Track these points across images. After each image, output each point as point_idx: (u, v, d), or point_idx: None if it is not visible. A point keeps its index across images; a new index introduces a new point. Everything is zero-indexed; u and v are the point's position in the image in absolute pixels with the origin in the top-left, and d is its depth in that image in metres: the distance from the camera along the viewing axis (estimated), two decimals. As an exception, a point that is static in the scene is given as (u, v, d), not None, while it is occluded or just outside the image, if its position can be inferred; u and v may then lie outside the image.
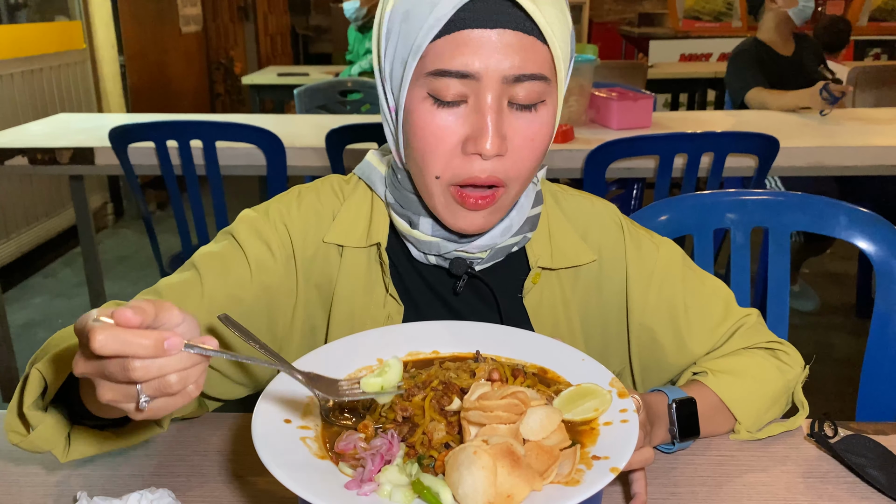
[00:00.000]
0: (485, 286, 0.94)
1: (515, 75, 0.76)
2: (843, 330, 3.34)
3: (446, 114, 0.78)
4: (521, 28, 0.75)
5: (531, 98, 0.78)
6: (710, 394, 0.93)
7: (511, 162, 0.80)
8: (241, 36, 7.65)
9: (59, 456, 0.80)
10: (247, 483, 0.87)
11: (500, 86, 0.76)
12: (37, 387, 0.77)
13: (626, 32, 7.66)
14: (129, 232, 4.84)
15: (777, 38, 3.39)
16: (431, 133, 0.79)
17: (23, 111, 4.03)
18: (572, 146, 2.52)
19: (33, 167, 2.56)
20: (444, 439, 0.68)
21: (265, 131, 2.35)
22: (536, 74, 0.77)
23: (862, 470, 0.86)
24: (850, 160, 2.55)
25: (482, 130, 0.76)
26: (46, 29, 4.35)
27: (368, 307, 0.95)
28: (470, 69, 0.75)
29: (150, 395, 0.59)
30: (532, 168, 0.82)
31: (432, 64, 0.77)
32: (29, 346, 3.20)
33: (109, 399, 0.60)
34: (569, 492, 0.61)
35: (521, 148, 0.80)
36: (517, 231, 0.91)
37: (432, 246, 0.90)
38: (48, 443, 0.78)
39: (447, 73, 0.76)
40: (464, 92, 0.77)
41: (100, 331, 0.55)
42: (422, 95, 0.79)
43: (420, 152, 0.81)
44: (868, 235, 1.28)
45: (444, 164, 0.80)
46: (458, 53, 0.75)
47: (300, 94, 3.54)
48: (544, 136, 0.81)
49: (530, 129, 0.79)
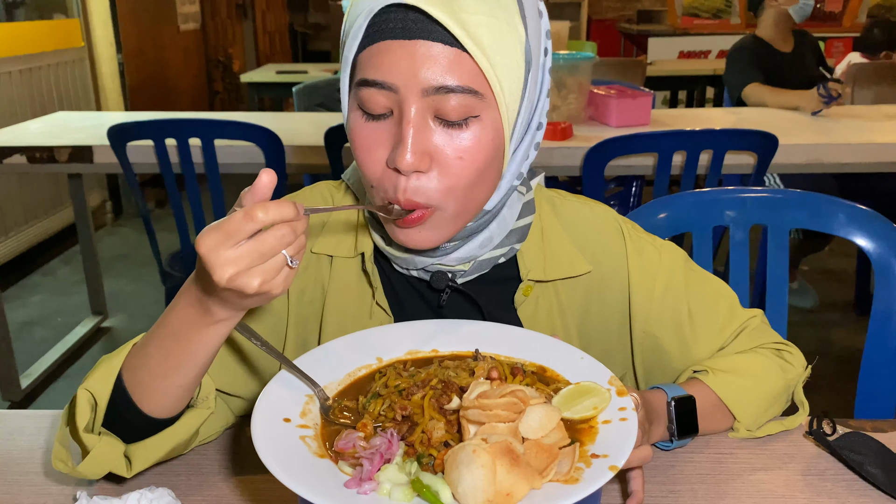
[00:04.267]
0: (468, 299, 0.92)
1: (435, 87, 0.73)
2: (842, 327, 3.34)
3: (374, 126, 0.77)
4: (443, 40, 0.72)
5: (459, 113, 0.74)
6: (709, 392, 0.93)
7: (438, 181, 0.76)
8: (240, 34, 7.64)
9: (123, 473, 0.80)
10: (246, 482, 0.87)
11: (421, 99, 0.74)
12: (86, 406, 0.78)
13: (624, 30, 7.66)
14: (127, 230, 4.84)
15: (776, 35, 3.39)
16: (361, 144, 0.78)
17: (21, 109, 4.02)
18: (571, 144, 2.52)
19: (32, 166, 2.56)
20: (444, 438, 0.69)
21: (264, 129, 2.35)
22: (462, 87, 0.73)
23: (860, 467, 0.86)
24: (849, 157, 2.55)
25: (401, 144, 0.74)
26: (44, 27, 4.35)
27: (358, 318, 0.94)
28: (388, 79, 0.74)
29: (292, 255, 0.65)
30: (466, 188, 0.78)
31: (358, 74, 0.77)
32: (28, 345, 3.20)
33: (259, 282, 0.63)
34: (568, 490, 0.61)
35: (448, 166, 0.76)
36: (501, 243, 0.89)
37: (409, 261, 0.89)
38: (110, 461, 0.79)
39: (367, 83, 0.75)
40: (388, 105, 0.75)
41: (255, 206, 0.62)
42: (354, 106, 0.79)
43: (357, 162, 0.81)
44: (867, 232, 1.28)
45: (376, 178, 0.79)
46: (377, 63, 0.74)
47: (299, 92, 3.53)
48: (476, 155, 0.76)
49: (458, 146, 0.75)
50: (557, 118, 2.75)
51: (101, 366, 0.80)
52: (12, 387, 2.80)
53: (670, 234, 1.38)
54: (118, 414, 0.79)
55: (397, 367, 0.82)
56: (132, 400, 0.78)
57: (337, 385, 0.80)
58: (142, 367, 0.77)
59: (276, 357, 0.78)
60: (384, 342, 0.87)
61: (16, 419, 1.01)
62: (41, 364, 3.00)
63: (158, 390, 0.77)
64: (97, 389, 0.78)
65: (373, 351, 0.85)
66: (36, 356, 3.06)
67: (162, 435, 0.81)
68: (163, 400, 0.78)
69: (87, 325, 3.34)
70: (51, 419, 1.00)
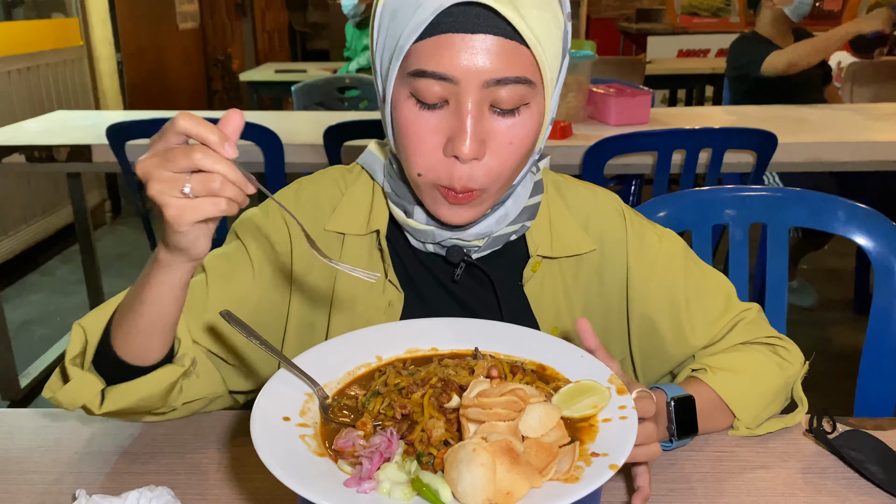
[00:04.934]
0: (483, 274, 0.94)
1: (496, 79, 0.76)
2: (841, 325, 3.34)
3: (429, 115, 0.79)
4: (502, 33, 0.75)
5: (514, 101, 0.78)
6: (708, 391, 0.93)
7: (489, 166, 0.80)
8: (239, 32, 7.63)
9: (94, 409, 0.83)
10: (246, 481, 0.87)
11: (480, 90, 0.77)
12: (78, 341, 0.84)
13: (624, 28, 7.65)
14: (126, 229, 4.84)
15: (775, 33, 3.38)
16: (415, 133, 0.80)
17: (20, 108, 4.02)
18: (570, 142, 2.52)
19: (31, 165, 2.56)
20: (443, 437, 0.68)
21: (263, 128, 2.35)
22: (519, 78, 0.77)
23: (860, 465, 0.86)
24: (848, 156, 2.55)
25: (461, 134, 0.77)
26: (43, 26, 4.34)
27: (369, 295, 0.95)
28: (449, 72, 0.76)
29: (193, 188, 0.65)
30: (512, 170, 0.83)
31: (414, 64, 0.78)
32: (27, 344, 3.19)
33: (156, 191, 0.66)
34: (568, 489, 0.61)
35: (499, 151, 0.80)
36: (514, 220, 0.92)
37: (427, 234, 0.91)
38: (84, 395, 0.82)
39: (426, 75, 0.77)
40: (444, 95, 0.78)
41: (184, 116, 0.66)
42: (405, 94, 0.80)
43: (405, 150, 0.83)
44: (866, 231, 1.29)
45: (426, 165, 0.82)
46: (438, 56, 0.76)
47: (298, 91, 3.53)
48: (524, 140, 0.81)
49: (510, 133, 0.80)
50: (557, 117, 2.75)
51: (100, 306, 0.86)
52: (11, 386, 2.80)
53: (670, 233, 1.38)
54: (99, 354, 0.83)
55: (397, 365, 0.82)
56: (110, 341, 0.82)
57: (336, 383, 0.80)
58: (120, 312, 0.81)
59: (276, 355, 0.78)
60: (384, 340, 0.87)
61: (15, 418, 1.01)
62: (40, 363, 3.00)
63: (128, 333, 0.81)
64: (89, 327, 0.84)
65: (372, 349, 0.85)
66: (35, 355, 3.06)
67: (136, 381, 0.83)
68: (131, 343, 0.81)
69: (87, 325, 3.33)
70: (50, 418, 1.00)
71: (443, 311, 0.96)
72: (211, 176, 0.65)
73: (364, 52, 4.53)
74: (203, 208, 0.66)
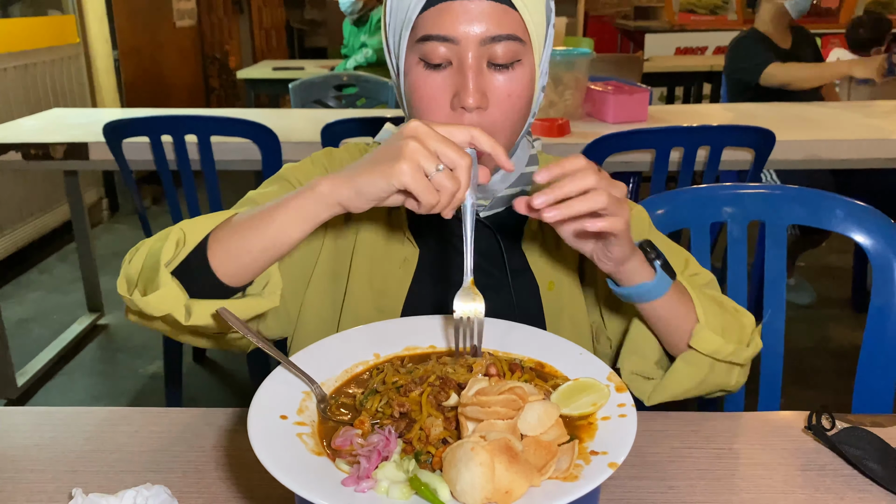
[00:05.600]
0: (490, 231, 1.02)
1: (491, 36, 0.87)
2: (839, 323, 3.35)
3: (436, 75, 0.89)
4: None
5: (508, 56, 0.88)
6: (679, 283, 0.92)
7: (493, 116, 0.90)
8: (236, 30, 7.62)
9: (181, 318, 0.82)
10: (243, 479, 0.87)
11: (478, 48, 0.87)
12: (173, 244, 0.83)
13: (621, 26, 7.65)
14: (124, 227, 4.83)
15: (774, 30, 3.39)
16: (425, 93, 0.90)
17: (16, 106, 4.00)
18: (568, 140, 2.51)
19: (27, 163, 2.55)
20: (442, 435, 0.68)
21: (260, 126, 2.34)
22: (510, 35, 0.88)
23: (860, 462, 0.86)
24: (846, 153, 2.55)
25: (464, 87, 0.87)
26: (39, 23, 4.33)
27: (387, 251, 1.02)
28: (450, 33, 0.87)
29: (443, 169, 0.73)
30: (514, 122, 0.92)
31: (420, 32, 0.89)
32: (24, 342, 3.19)
33: (415, 156, 0.72)
34: (567, 487, 0.61)
35: (501, 102, 0.90)
36: (514, 182, 1.01)
37: None
38: (174, 303, 0.81)
39: (431, 38, 0.88)
40: (448, 55, 0.88)
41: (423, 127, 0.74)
42: (415, 60, 0.90)
43: (417, 110, 0.92)
44: (864, 228, 1.28)
45: (437, 121, 0.88)
46: (440, 21, 0.87)
47: (295, 89, 3.53)
48: (521, 92, 0.91)
49: (508, 85, 0.89)
50: (555, 114, 2.75)
51: (204, 216, 0.86)
52: (8, 384, 2.79)
53: (668, 231, 1.38)
54: (189, 265, 0.83)
55: (395, 363, 0.82)
56: (206, 255, 0.82)
57: (334, 381, 0.80)
58: (231, 228, 0.83)
59: (273, 353, 0.77)
60: (382, 338, 0.86)
61: (11, 416, 1.00)
62: (37, 362, 3.00)
63: (232, 249, 0.82)
64: (190, 233, 0.83)
65: (370, 346, 0.85)
66: (32, 354, 3.06)
67: (224, 301, 0.83)
68: (231, 259, 0.82)
69: (84, 323, 3.33)
70: (46, 416, 0.99)
71: (454, 269, 1.03)
72: (457, 178, 0.73)
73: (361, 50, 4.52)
74: (446, 187, 0.73)
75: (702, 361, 0.92)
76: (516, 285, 1.02)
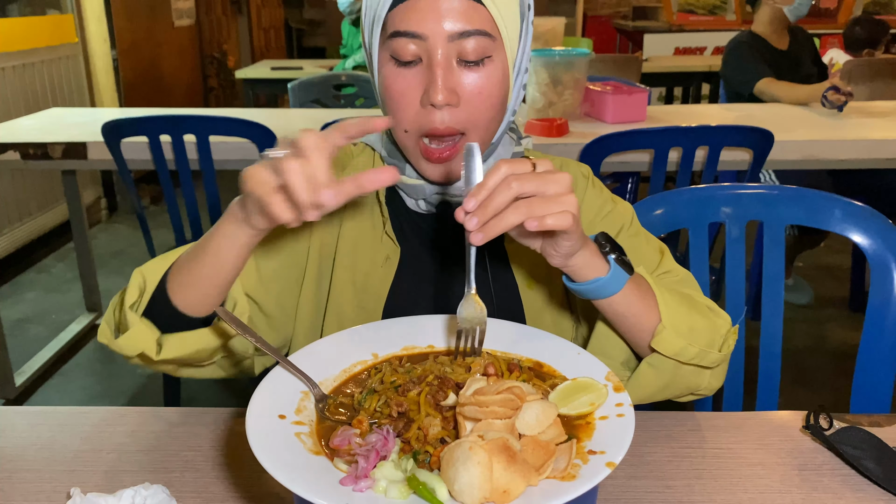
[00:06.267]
0: None
1: (459, 32, 0.86)
2: (837, 323, 3.35)
3: (406, 72, 0.89)
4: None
5: (477, 53, 0.88)
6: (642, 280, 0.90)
7: (465, 113, 0.89)
8: (235, 30, 7.62)
9: (152, 355, 0.87)
10: (241, 479, 0.87)
11: (446, 44, 0.87)
12: (135, 287, 0.89)
13: (620, 26, 7.66)
14: (122, 227, 4.83)
15: (772, 32, 3.39)
16: (396, 91, 0.90)
17: (14, 106, 4.00)
18: (567, 140, 2.52)
19: (25, 162, 2.55)
20: (440, 434, 0.68)
21: (259, 125, 2.34)
22: (479, 31, 0.87)
23: (857, 462, 0.86)
24: (844, 154, 2.55)
25: (433, 84, 0.87)
26: (38, 23, 4.32)
27: (369, 250, 1.02)
28: (419, 30, 0.86)
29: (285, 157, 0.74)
30: (488, 119, 0.91)
31: (390, 28, 0.89)
32: (22, 342, 3.19)
33: (260, 179, 0.75)
34: (565, 487, 0.61)
35: (472, 99, 0.89)
36: None
37: (419, 189, 0.98)
38: (144, 342, 0.87)
39: (400, 34, 0.87)
40: (417, 52, 0.88)
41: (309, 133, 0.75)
42: (386, 58, 0.90)
43: (390, 108, 0.92)
44: (862, 229, 1.29)
45: (410, 118, 0.90)
46: (408, 17, 0.87)
47: (294, 89, 3.52)
48: (492, 88, 0.90)
49: (479, 83, 0.89)
50: (553, 114, 2.75)
51: (160, 256, 0.91)
52: (6, 384, 2.79)
53: (666, 231, 1.38)
54: (155, 303, 0.88)
55: (393, 362, 0.82)
56: (167, 291, 0.87)
57: (332, 381, 0.80)
58: (180, 262, 0.88)
59: (272, 353, 0.78)
60: (380, 337, 0.87)
61: (8, 415, 1.00)
62: (35, 361, 2.99)
63: (185, 282, 0.86)
64: (149, 274, 0.89)
65: (368, 346, 0.85)
66: (30, 354, 3.05)
67: (193, 333, 0.89)
68: (187, 292, 0.87)
69: (82, 323, 3.33)
70: (44, 416, 0.99)
71: (434, 265, 1.03)
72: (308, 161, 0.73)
73: (360, 50, 4.52)
74: (303, 190, 0.72)
75: (665, 364, 0.90)
76: (496, 283, 1.01)
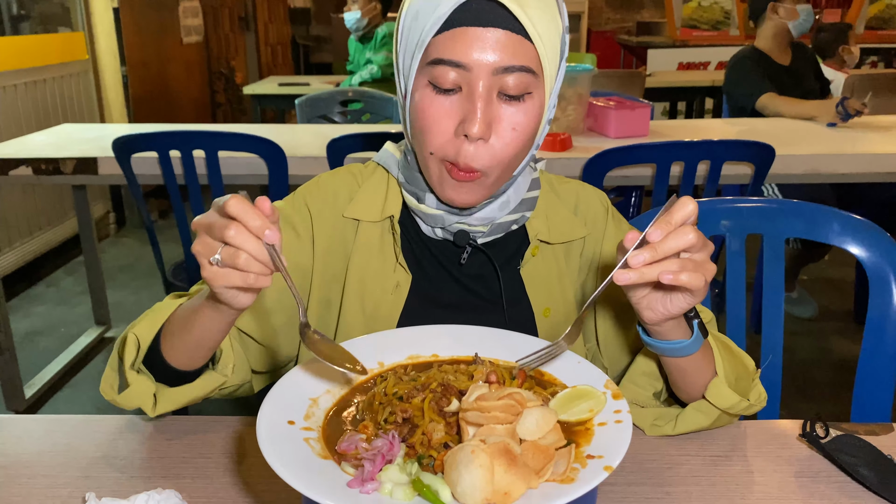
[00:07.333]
0: (486, 258, 1.02)
1: (504, 67, 0.85)
2: (841, 335, 3.35)
3: (444, 100, 0.88)
4: (509, 27, 0.85)
5: (519, 89, 0.86)
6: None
7: (494, 148, 0.88)
8: (242, 46, 7.69)
9: (149, 411, 0.93)
10: (251, 484, 0.89)
11: (490, 77, 0.85)
12: (133, 348, 0.93)
13: (624, 41, 7.70)
14: (131, 241, 4.86)
15: (775, 47, 3.42)
16: (431, 116, 0.88)
17: (26, 122, 4.05)
18: (570, 154, 2.54)
19: (38, 177, 2.59)
20: (443, 439, 0.70)
21: (267, 141, 2.38)
22: (524, 67, 0.86)
23: (853, 469, 0.88)
24: (846, 167, 2.57)
25: (472, 115, 0.86)
26: (49, 40, 4.39)
27: (379, 276, 1.02)
28: (463, 60, 0.85)
29: (222, 257, 0.73)
30: (513, 156, 0.90)
31: (433, 54, 0.87)
32: (31, 355, 3.21)
33: (196, 251, 0.75)
34: (564, 489, 0.63)
35: (503, 135, 0.88)
36: (515, 209, 1.00)
37: (437, 219, 0.98)
38: (141, 398, 0.93)
39: (443, 62, 0.86)
40: (458, 81, 0.86)
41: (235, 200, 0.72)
42: (423, 82, 0.89)
43: (420, 130, 0.90)
44: (861, 241, 1.30)
45: (438, 143, 0.89)
46: (453, 46, 0.85)
47: (301, 104, 3.56)
48: (527, 126, 0.89)
49: (514, 118, 0.88)
50: (557, 129, 2.78)
51: (149, 315, 0.95)
52: (16, 396, 2.81)
53: (667, 243, 1.40)
54: (150, 358, 0.93)
55: (398, 371, 0.84)
56: (159, 348, 0.91)
57: (339, 389, 0.82)
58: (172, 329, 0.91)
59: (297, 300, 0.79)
60: (386, 346, 0.89)
61: (24, 423, 1.03)
62: (45, 374, 3.02)
63: (175, 347, 0.91)
64: (142, 335, 0.93)
65: (374, 355, 0.87)
66: (40, 366, 3.08)
67: (183, 388, 0.94)
68: (177, 355, 0.91)
69: (91, 336, 3.36)
70: (59, 423, 1.02)
71: (447, 293, 1.03)
72: (238, 252, 0.72)
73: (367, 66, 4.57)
74: (230, 277, 0.73)
75: (713, 411, 0.95)
76: (511, 310, 1.03)
